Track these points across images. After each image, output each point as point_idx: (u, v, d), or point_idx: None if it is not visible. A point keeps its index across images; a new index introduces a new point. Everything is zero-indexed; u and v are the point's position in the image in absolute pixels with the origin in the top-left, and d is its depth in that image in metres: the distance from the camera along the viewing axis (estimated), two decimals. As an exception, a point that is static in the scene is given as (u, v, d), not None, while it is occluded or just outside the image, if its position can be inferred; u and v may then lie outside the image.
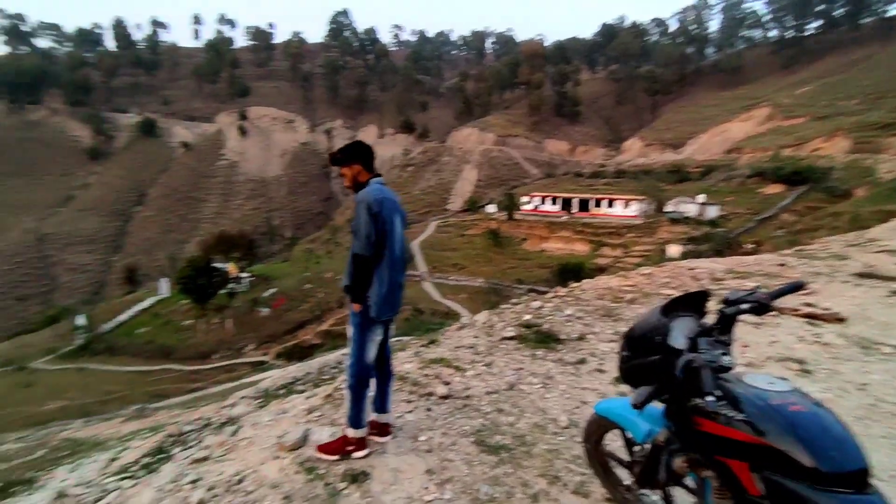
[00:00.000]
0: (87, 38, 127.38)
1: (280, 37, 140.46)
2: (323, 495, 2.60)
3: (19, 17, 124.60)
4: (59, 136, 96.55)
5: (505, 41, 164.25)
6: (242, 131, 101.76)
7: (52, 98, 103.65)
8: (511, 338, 4.95)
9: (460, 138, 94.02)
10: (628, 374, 1.96)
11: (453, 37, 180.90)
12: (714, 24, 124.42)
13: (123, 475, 6.40)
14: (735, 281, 7.03)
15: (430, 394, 3.68)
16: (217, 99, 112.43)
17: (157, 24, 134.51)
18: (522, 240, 52.34)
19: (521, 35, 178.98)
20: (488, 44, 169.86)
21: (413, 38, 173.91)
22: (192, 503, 2.66)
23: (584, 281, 7.80)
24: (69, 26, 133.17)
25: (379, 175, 2.96)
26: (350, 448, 2.83)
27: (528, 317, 5.66)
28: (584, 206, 54.55)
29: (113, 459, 7.36)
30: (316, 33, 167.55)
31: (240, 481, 2.79)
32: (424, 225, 62.58)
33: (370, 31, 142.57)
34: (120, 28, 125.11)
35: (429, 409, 3.47)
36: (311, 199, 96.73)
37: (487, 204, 64.90)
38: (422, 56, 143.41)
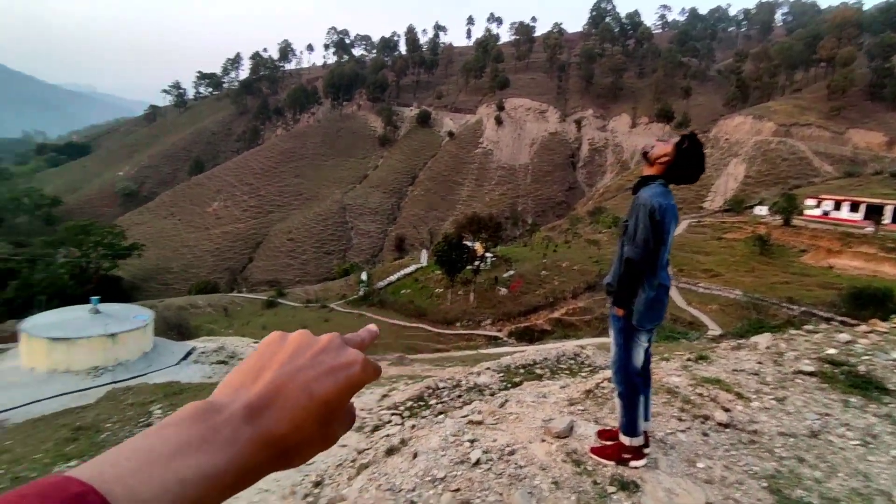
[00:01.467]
0: (387, 44, 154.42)
1: (542, 29, 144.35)
2: (591, 493, 2.61)
3: (345, 32, 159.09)
4: (362, 126, 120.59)
5: (802, 10, 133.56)
6: (499, 121, 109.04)
7: (360, 96, 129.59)
8: (810, 373, 4.08)
9: (728, 128, 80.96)
10: None
11: (733, 11, 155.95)
12: None
13: (394, 411, 7.71)
14: None
15: (707, 417, 3.32)
16: (480, 92, 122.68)
17: (438, 27, 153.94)
18: (801, 251, 42.49)
19: (825, 2, 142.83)
20: (779, 15, 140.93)
21: (682, 18, 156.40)
22: (472, 460, 3.01)
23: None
24: (377, 36, 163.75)
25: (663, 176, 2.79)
26: (626, 456, 2.75)
27: (831, 351, 4.58)
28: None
29: (385, 396, 8.95)
30: (577, 23, 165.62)
31: (511, 452, 3.02)
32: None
33: (633, 15, 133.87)
34: (410, 34, 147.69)
35: (705, 435, 3.14)
36: (555, 187, 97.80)
37: (756, 205, 54.54)
38: (690, 36, 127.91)
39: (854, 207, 44.27)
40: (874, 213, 42.90)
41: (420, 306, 42.93)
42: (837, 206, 45.35)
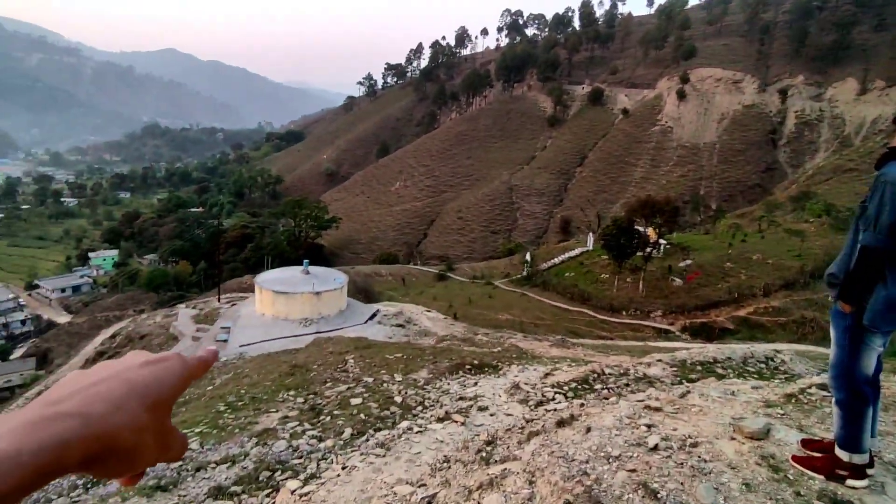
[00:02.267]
0: (561, 21, 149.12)
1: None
2: (792, 503, 2.38)
3: (518, 13, 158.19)
4: (531, 107, 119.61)
5: None
6: (681, 95, 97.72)
7: (531, 76, 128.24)
8: None
9: None
10: None
11: None
12: None
13: (557, 390, 7.80)
14: None
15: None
16: (661, 64, 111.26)
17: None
18: None
19: None
20: None
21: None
22: (649, 444, 2.96)
23: None
24: (550, 14, 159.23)
25: None
26: (842, 472, 2.43)
27: None
28: None
29: (548, 374, 9.06)
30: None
31: (694, 445, 2.89)
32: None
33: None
34: (585, 8, 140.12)
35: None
36: (747, 168, 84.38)
37: None
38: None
39: None
40: None
41: (584, 291, 41.68)
42: None
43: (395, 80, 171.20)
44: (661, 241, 43.63)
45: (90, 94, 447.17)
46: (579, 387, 7.71)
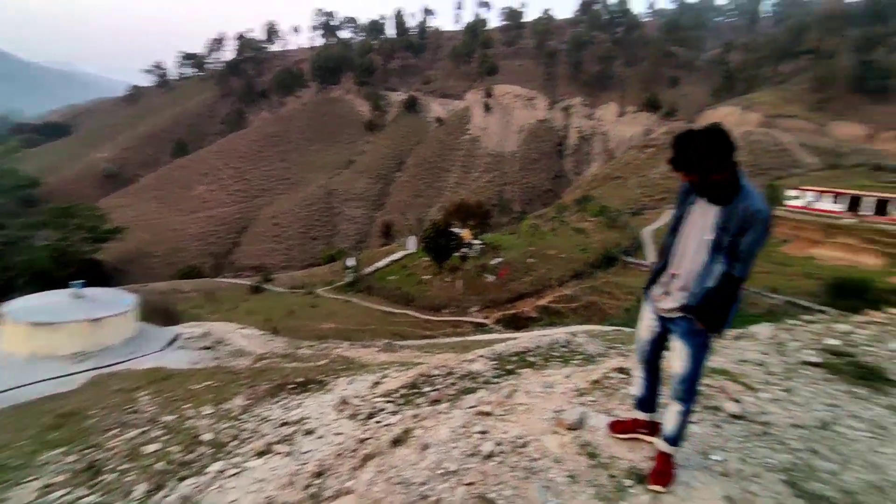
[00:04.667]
0: (375, 27, 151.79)
1: (531, 15, 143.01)
2: (608, 486, 2.56)
3: (330, 15, 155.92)
4: (348, 110, 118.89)
5: (790, 2, 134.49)
6: (487, 108, 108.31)
7: (347, 79, 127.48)
8: (815, 364, 4.09)
9: (715, 118, 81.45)
10: None
11: (720, 2, 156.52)
12: None
13: (387, 399, 7.63)
14: None
15: (717, 408, 3.29)
16: (469, 78, 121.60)
17: (427, 11, 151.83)
18: (783, 241, 43.27)
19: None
20: (766, 6, 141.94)
21: (672, 7, 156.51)
22: (484, 452, 2.93)
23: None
24: (364, 18, 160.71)
25: (739, 168, 2.30)
26: (676, 467, 2.65)
27: (832, 341, 4.61)
28: (881, 208, 41.97)
29: (377, 383, 8.85)
30: (567, 9, 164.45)
31: (524, 445, 2.95)
32: (658, 213, 57.15)
33: (622, 2, 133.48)
34: (399, 17, 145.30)
35: (717, 426, 3.11)
36: (541, 175, 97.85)
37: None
38: (678, 26, 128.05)
39: (836, 198, 45.13)
40: (855, 204, 43.81)
41: (407, 293, 42.89)
42: (819, 197, 46.21)
43: (195, 71, 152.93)
44: (476, 241, 47.43)
45: None
46: (409, 392, 7.64)
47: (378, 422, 6.38)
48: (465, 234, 44.22)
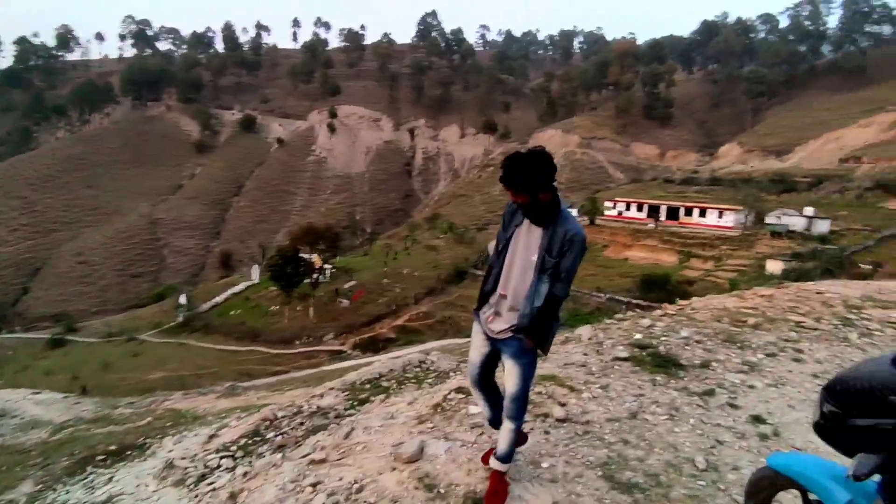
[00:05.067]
0: (201, 40, 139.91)
1: (372, 37, 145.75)
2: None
3: (146, 23, 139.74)
4: (172, 130, 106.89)
5: (594, 40, 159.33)
6: (332, 129, 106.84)
7: (169, 96, 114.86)
8: (625, 358, 4.59)
9: (543, 139, 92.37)
10: (836, 434, 1.61)
11: (541, 36, 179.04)
12: (833, 20, 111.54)
13: (224, 454, 6.75)
14: (878, 311, 6.13)
15: (546, 415, 3.45)
16: (310, 97, 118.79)
17: (260, 27, 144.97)
18: (604, 247, 50.33)
19: (611, 34, 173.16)
20: (576, 43, 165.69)
21: (499, 38, 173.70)
22: (315, 507, 2.63)
23: (695, 299, 7.24)
24: (186, 30, 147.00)
25: (558, 193, 2.50)
26: (509, 484, 2.65)
27: (638, 336, 5.25)
28: (673, 214, 51.49)
29: (212, 436, 7.81)
30: (405, 34, 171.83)
31: (359, 490, 2.72)
32: (501, 227, 62.13)
33: (457, 32, 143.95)
34: (228, 31, 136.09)
35: (546, 433, 3.24)
36: (391, 195, 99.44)
37: (569, 207, 63.07)
38: (507, 56, 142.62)
39: (640, 208, 53.96)
40: (654, 211, 52.84)
41: (253, 327, 39.59)
42: (628, 207, 54.78)
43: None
44: (327, 266, 45.90)
45: None
46: (250, 442, 6.85)
47: (210, 483, 5.55)
48: (315, 259, 42.49)
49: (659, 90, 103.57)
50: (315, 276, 42.13)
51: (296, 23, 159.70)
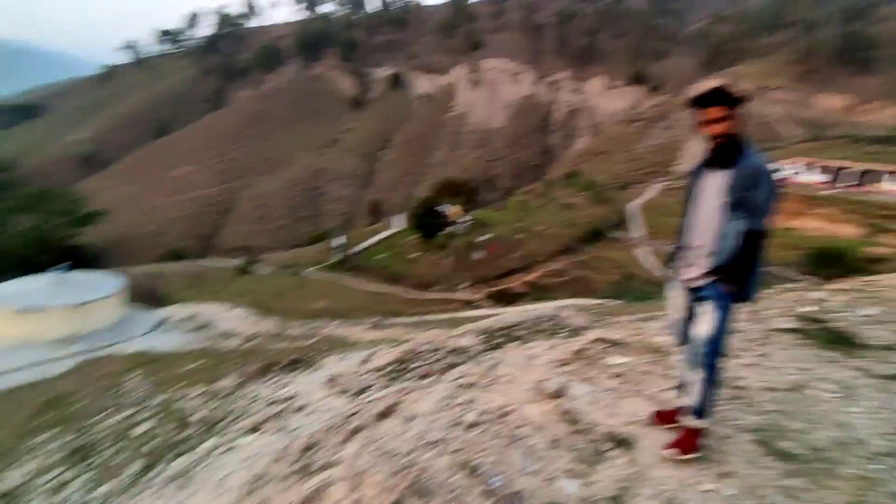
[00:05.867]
0: (357, 1, 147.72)
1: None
2: (587, 451, 2.65)
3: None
4: (331, 87, 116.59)
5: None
6: (473, 83, 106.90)
7: (330, 56, 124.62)
8: (789, 330, 4.21)
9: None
10: None
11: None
12: None
13: (376, 375, 7.74)
14: None
15: (694, 375, 3.39)
16: (454, 52, 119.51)
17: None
18: (767, 213, 43.81)
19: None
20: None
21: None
22: (466, 422, 3.01)
23: (884, 276, 6.21)
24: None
25: (744, 134, 2.48)
26: (698, 439, 2.59)
27: (806, 308, 4.74)
28: (862, 179, 42.81)
29: (365, 360, 8.94)
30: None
31: (506, 414, 3.03)
32: (645, 187, 57.47)
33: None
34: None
35: (692, 391, 3.21)
36: (529, 151, 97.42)
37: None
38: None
39: (821, 170, 45.73)
40: (836, 175, 44.47)
41: (396, 271, 42.90)
42: (802, 169, 46.74)
43: (172, 48, 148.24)
44: (464, 218, 47.41)
45: None
46: (397, 368, 7.74)
47: (366, 397, 6.48)
48: (453, 211, 44.11)
49: (858, 28, 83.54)
50: (452, 227, 43.85)
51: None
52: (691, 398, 2.57)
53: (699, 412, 2.56)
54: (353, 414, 4.52)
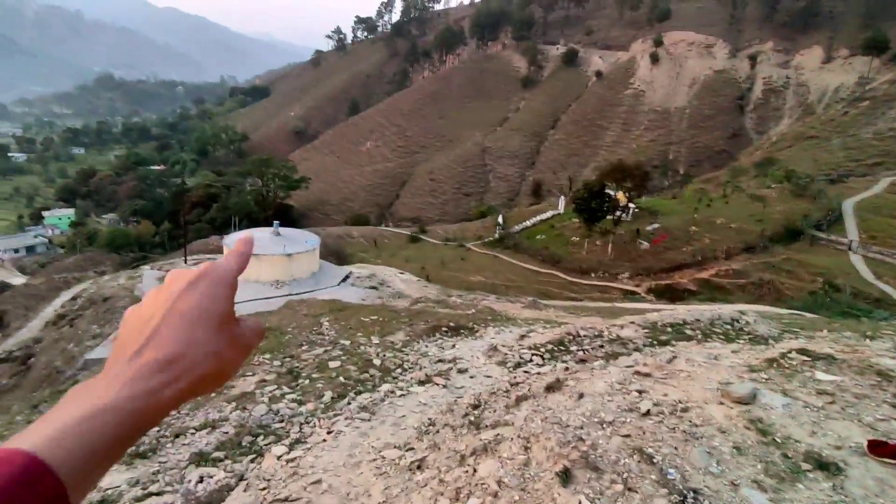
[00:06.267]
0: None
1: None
2: (781, 466, 2.46)
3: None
4: (506, 66, 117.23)
5: None
6: (654, 59, 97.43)
7: (505, 34, 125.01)
8: None
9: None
10: None
11: None
12: None
13: (534, 352, 7.91)
14: None
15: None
16: (635, 26, 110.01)
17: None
18: None
19: None
20: None
21: None
22: (641, 410, 3.00)
23: None
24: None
25: None
26: None
27: None
28: None
29: (524, 336, 9.18)
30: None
31: (685, 409, 2.94)
32: (871, 181, 46.49)
33: None
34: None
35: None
36: (715, 134, 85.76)
37: None
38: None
39: None
40: None
41: (555, 253, 42.32)
42: None
43: (366, 34, 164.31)
44: (631, 205, 44.38)
45: (34, 40, 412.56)
46: (555, 348, 7.83)
47: (526, 371, 6.72)
48: (619, 196, 41.52)
49: None
50: (618, 213, 41.39)
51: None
52: None
53: None
54: (517, 383, 4.78)
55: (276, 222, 20.28)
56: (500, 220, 51.09)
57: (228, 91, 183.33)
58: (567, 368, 4.66)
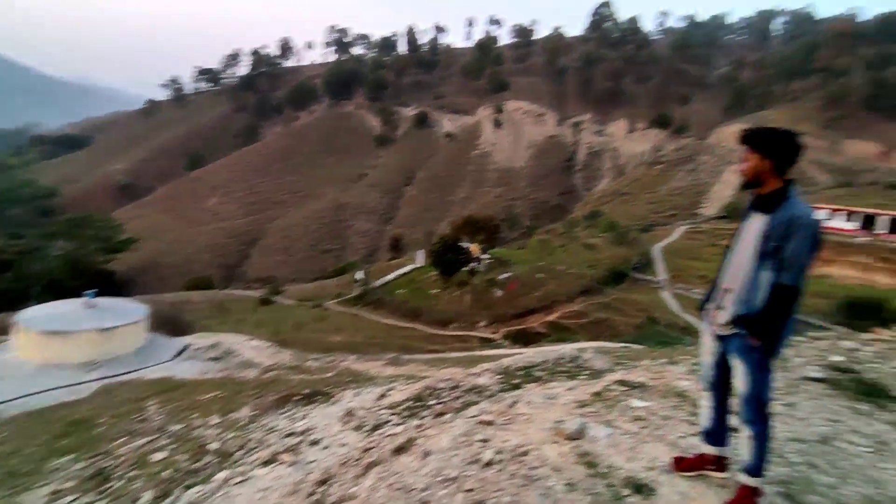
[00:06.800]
0: (387, 44, 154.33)
1: (542, 32, 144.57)
2: (606, 495, 2.60)
3: (343, 31, 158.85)
4: (360, 125, 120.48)
5: (800, 20, 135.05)
6: (497, 123, 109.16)
7: (359, 95, 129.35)
8: (818, 380, 4.09)
9: (725, 135, 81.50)
10: None
11: (730, 19, 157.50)
12: None
13: (392, 411, 7.67)
14: None
15: (718, 423, 3.31)
16: (479, 94, 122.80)
17: (438, 28, 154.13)
18: (798, 260, 42.69)
19: (823, 12, 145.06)
20: (776, 25, 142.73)
21: (682, 24, 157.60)
22: (484, 460, 2.98)
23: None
24: (376, 36, 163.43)
25: (792, 182, 2.40)
26: (756, 499, 2.50)
27: (837, 358, 4.61)
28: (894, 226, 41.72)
29: (383, 395, 8.89)
30: (577, 27, 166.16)
31: (524, 454, 3.00)
32: (668, 230, 56.91)
33: (633, 20, 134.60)
34: (410, 34, 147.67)
35: (717, 439, 3.13)
36: (550, 191, 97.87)
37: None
38: (688, 43, 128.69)
39: (849, 217, 44.70)
40: (869, 222, 43.37)
41: (415, 306, 42.87)
42: (832, 216, 45.72)
43: (210, 85, 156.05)
44: (484, 255, 47.45)
45: None
46: (414, 405, 7.66)
47: (382, 432, 6.42)
48: (473, 248, 44.25)
49: (888, 75, 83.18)
50: (473, 264, 43.89)
51: (469, 22, 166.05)
52: (745, 456, 2.50)
53: (753, 470, 2.48)
54: (369, 449, 4.50)
55: (88, 292, 17.21)
56: (359, 275, 50.47)
57: (30, 140, 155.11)
58: (419, 426, 4.54)
